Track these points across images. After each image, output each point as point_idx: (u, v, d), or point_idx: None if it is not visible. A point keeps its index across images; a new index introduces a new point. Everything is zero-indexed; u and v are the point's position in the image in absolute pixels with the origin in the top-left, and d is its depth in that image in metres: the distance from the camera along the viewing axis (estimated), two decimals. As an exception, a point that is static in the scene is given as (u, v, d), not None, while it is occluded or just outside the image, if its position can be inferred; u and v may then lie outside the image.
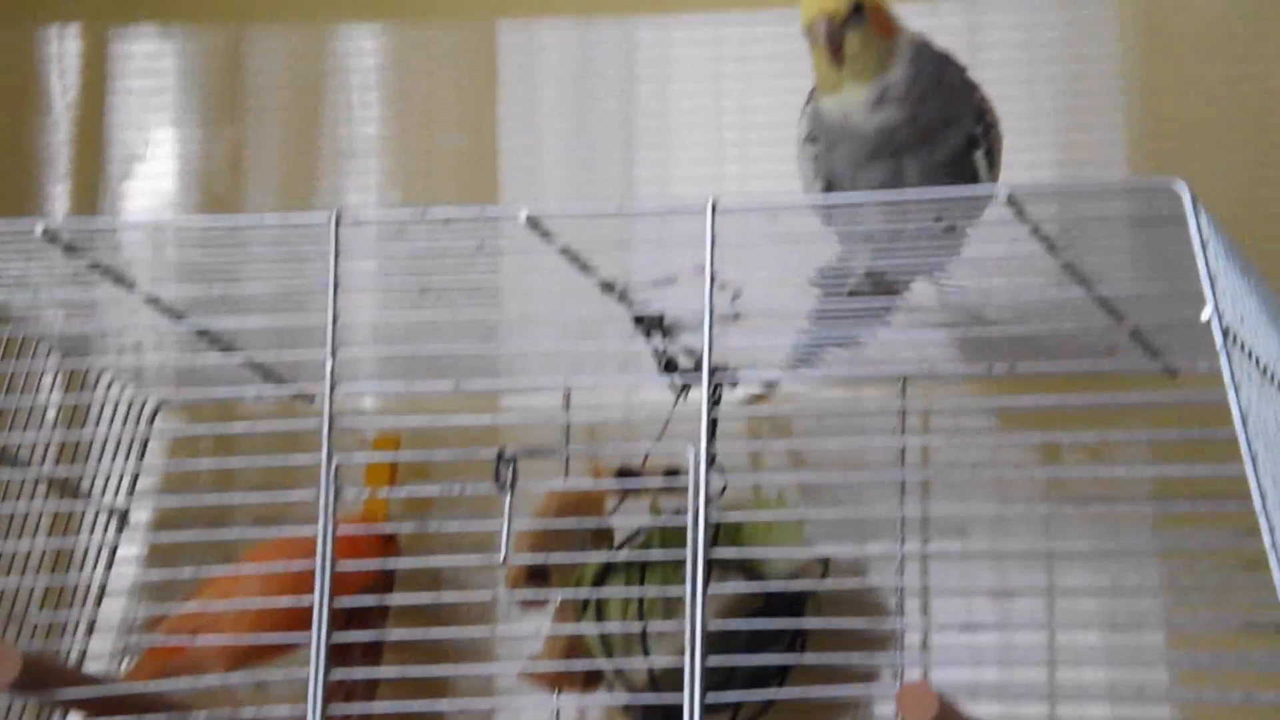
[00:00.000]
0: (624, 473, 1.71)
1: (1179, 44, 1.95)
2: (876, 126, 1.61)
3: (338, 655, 1.56)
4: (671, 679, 1.57)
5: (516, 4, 2.08)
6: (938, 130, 1.61)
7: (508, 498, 1.60)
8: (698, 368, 1.58)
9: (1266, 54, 1.94)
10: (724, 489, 1.66)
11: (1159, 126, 1.92)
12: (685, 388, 1.74)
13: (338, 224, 1.56)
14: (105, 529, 1.88)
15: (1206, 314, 1.40)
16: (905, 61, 1.61)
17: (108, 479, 1.87)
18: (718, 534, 1.57)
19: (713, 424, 1.59)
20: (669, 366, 1.73)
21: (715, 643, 1.53)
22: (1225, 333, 1.39)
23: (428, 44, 2.09)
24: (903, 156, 1.61)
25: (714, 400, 1.60)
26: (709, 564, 1.53)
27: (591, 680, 1.77)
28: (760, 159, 2.03)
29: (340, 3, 2.09)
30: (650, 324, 1.70)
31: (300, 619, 1.57)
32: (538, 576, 1.75)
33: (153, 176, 2.10)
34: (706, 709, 1.51)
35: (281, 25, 2.10)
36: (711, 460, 1.58)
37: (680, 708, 1.51)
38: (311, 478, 1.57)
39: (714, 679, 1.52)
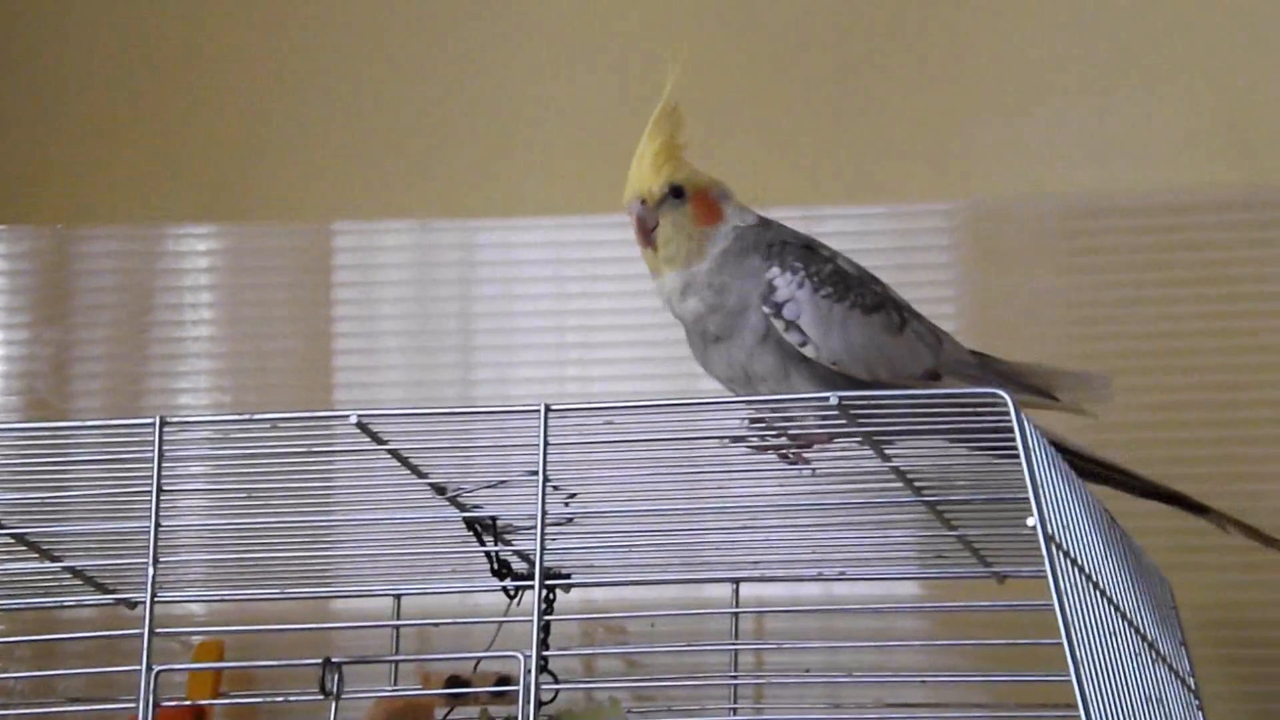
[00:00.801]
0: (453, 681, 1.69)
1: (1006, 254, 1.99)
2: (690, 315, 1.59)
3: None
4: None
5: (354, 206, 2.08)
6: (737, 317, 1.58)
7: (334, 706, 1.57)
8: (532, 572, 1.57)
9: (1089, 265, 1.98)
10: (555, 696, 1.65)
11: (988, 336, 1.94)
12: (519, 592, 1.73)
13: (162, 427, 1.54)
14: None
15: (1031, 521, 1.41)
16: (719, 250, 1.58)
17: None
18: (548, 742, 1.56)
19: (545, 629, 1.57)
20: (502, 570, 1.71)
21: None
22: (1049, 540, 1.40)
23: (262, 245, 2.08)
24: (724, 342, 1.60)
25: (547, 605, 1.59)
26: (539, 774, 1.51)
27: None
28: (601, 361, 2.03)
29: (172, 203, 2.09)
30: (483, 527, 1.69)
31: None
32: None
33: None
34: None
35: (111, 226, 2.10)
36: (543, 666, 1.56)
37: None
38: (133, 688, 1.54)
39: None
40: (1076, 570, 1.44)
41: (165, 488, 1.52)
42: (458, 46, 2.11)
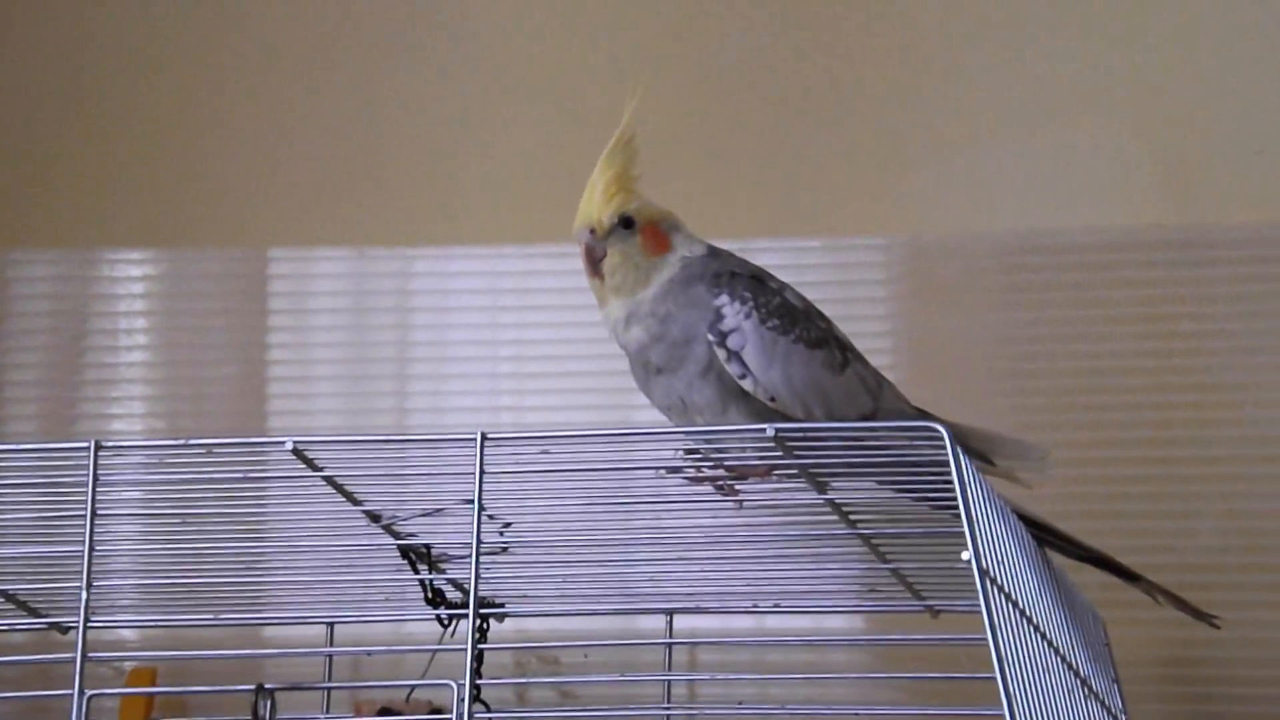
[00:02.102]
0: (386, 711, 1.69)
1: (942, 291, 2.00)
2: (633, 346, 1.58)
3: None
4: None
5: (290, 232, 2.08)
6: (681, 348, 1.58)
7: (266, 733, 1.57)
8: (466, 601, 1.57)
9: (1025, 302, 1.99)
10: (488, 725, 1.64)
11: (922, 371, 1.96)
12: (452, 621, 1.72)
13: (97, 451, 1.53)
14: None
15: (966, 556, 1.41)
16: (664, 280, 1.58)
17: None
18: (481, 772, 1.55)
19: (479, 658, 1.56)
20: (436, 599, 1.71)
21: None
22: (984, 575, 1.40)
23: (198, 271, 2.08)
24: (666, 374, 1.59)
25: (481, 634, 1.58)
26: (470, 805, 1.50)
27: None
28: (536, 391, 2.03)
29: (107, 227, 2.08)
30: (417, 556, 1.68)
31: None
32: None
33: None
34: None
35: (46, 249, 2.09)
36: (476, 695, 1.56)
37: None
38: (65, 713, 1.53)
39: None
40: (1011, 605, 1.44)
41: (99, 512, 1.52)
42: (396, 76, 2.11)
